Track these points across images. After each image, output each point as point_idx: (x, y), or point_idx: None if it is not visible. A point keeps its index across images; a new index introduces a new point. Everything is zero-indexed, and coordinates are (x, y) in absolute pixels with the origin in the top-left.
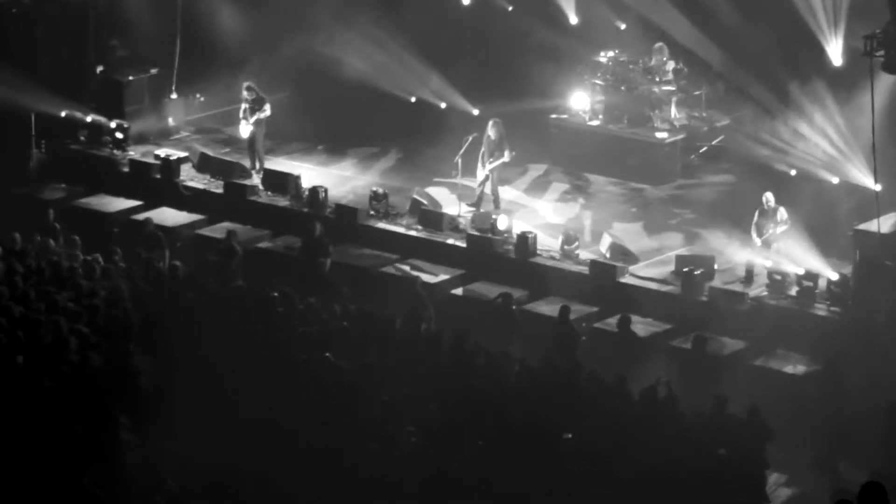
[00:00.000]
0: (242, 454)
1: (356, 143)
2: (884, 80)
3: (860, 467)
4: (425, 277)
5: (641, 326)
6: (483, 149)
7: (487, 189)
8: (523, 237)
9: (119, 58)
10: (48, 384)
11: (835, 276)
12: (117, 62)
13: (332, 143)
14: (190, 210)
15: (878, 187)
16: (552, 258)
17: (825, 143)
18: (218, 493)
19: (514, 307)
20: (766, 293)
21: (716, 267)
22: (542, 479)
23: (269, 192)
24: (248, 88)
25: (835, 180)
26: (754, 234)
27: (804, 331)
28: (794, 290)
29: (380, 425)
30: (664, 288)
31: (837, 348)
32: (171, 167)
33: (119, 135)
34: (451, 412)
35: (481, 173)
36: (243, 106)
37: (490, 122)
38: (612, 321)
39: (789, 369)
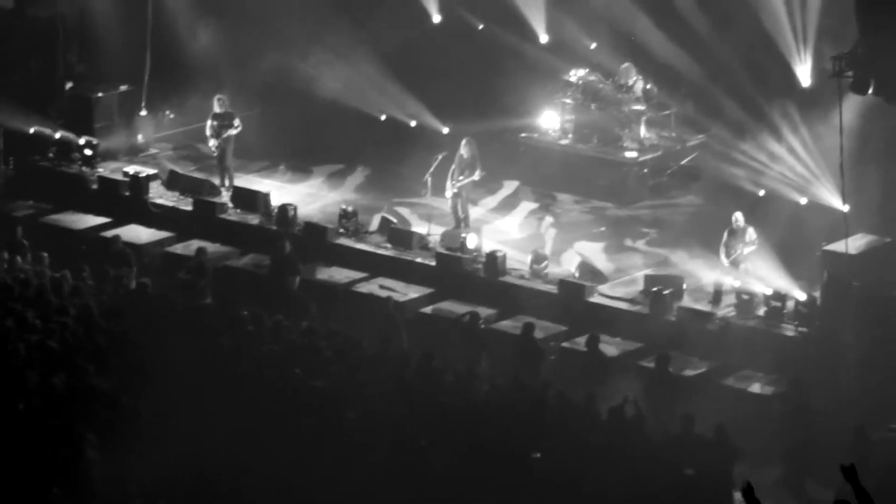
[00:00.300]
0: (211, 469)
1: (326, 160)
2: (852, 101)
3: (826, 486)
4: (396, 296)
5: (610, 346)
6: (453, 166)
7: (458, 208)
8: (493, 256)
9: (78, 73)
10: (19, 404)
11: (803, 297)
12: (77, 78)
13: (302, 161)
14: (159, 227)
15: (846, 208)
16: (521, 277)
17: (794, 163)
18: None
19: (482, 326)
20: (734, 313)
21: (684, 287)
22: (510, 498)
23: (238, 210)
24: (220, 101)
25: (803, 201)
26: (723, 254)
27: (772, 351)
28: (761, 311)
29: (349, 442)
30: (633, 307)
31: (801, 368)
32: (140, 184)
33: (88, 151)
34: (419, 430)
35: (450, 190)
36: (210, 122)
37: (463, 141)
38: (581, 340)
39: (756, 389)
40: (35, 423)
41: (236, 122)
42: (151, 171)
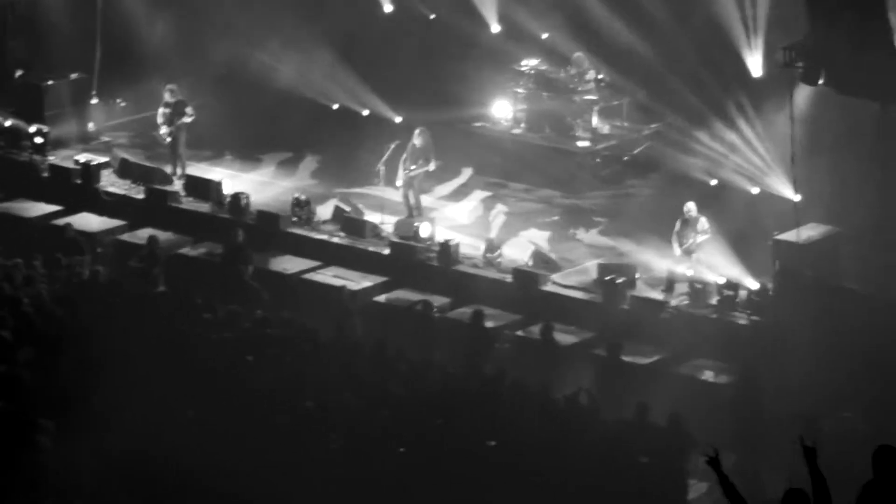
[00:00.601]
0: (162, 457)
1: (278, 149)
2: (802, 91)
3: (779, 473)
4: (349, 285)
5: (564, 335)
6: (405, 155)
7: (410, 197)
8: (446, 245)
9: (27, 61)
10: None
11: (755, 286)
12: (26, 65)
13: (254, 150)
14: (111, 216)
15: (797, 197)
16: (475, 266)
17: (746, 153)
18: (136, 493)
19: (436, 315)
20: (686, 302)
21: (637, 276)
22: (465, 487)
23: (190, 198)
24: (171, 91)
25: (755, 190)
26: (675, 244)
27: (724, 340)
28: (714, 300)
29: (303, 431)
30: (586, 296)
31: (753, 357)
32: (91, 172)
33: (39, 139)
34: (373, 420)
35: (401, 179)
36: (161, 110)
37: (417, 130)
38: (535, 329)
39: (709, 378)
40: None
41: (189, 110)
42: (103, 160)
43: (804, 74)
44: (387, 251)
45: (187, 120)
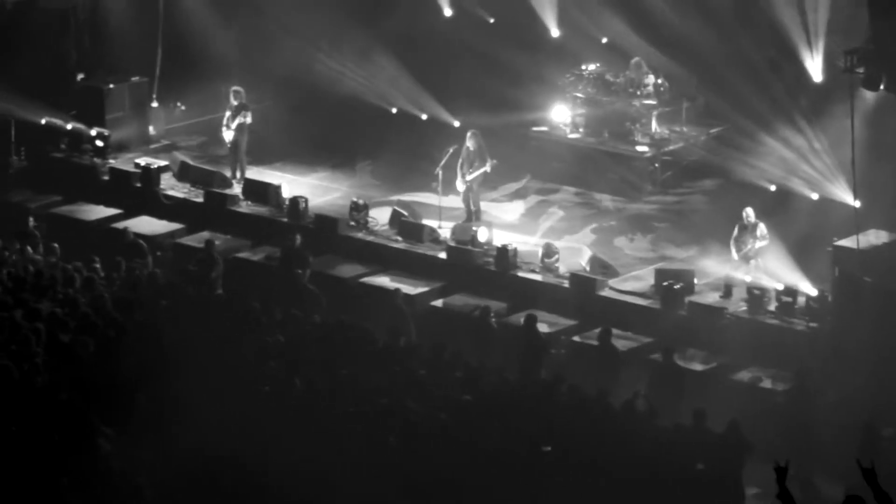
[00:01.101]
0: (222, 461)
1: (337, 153)
2: (864, 97)
3: (836, 482)
4: (405, 289)
5: (621, 340)
6: (461, 160)
7: (469, 201)
8: (503, 250)
9: (81, 63)
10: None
11: (813, 292)
12: (88, 69)
13: (314, 154)
14: (170, 219)
15: (857, 204)
16: (532, 271)
17: (805, 159)
18: (197, 495)
19: (493, 320)
20: (744, 308)
21: (695, 281)
22: (521, 492)
23: (249, 202)
24: (235, 93)
25: (815, 196)
26: (733, 249)
27: (782, 346)
28: (772, 306)
29: (360, 435)
30: (644, 302)
31: (805, 364)
32: (151, 176)
33: (99, 143)
34: (430, 424)
35: (461, 185)
36: (227, 113)
37: (468, 133)
38: (592, 334)
39: (767, 384)
40: (47, 414)
41: (247, 113)
42: (163, 163)
43: (865, 79)
44: (444, 255)
45: (246, 122)
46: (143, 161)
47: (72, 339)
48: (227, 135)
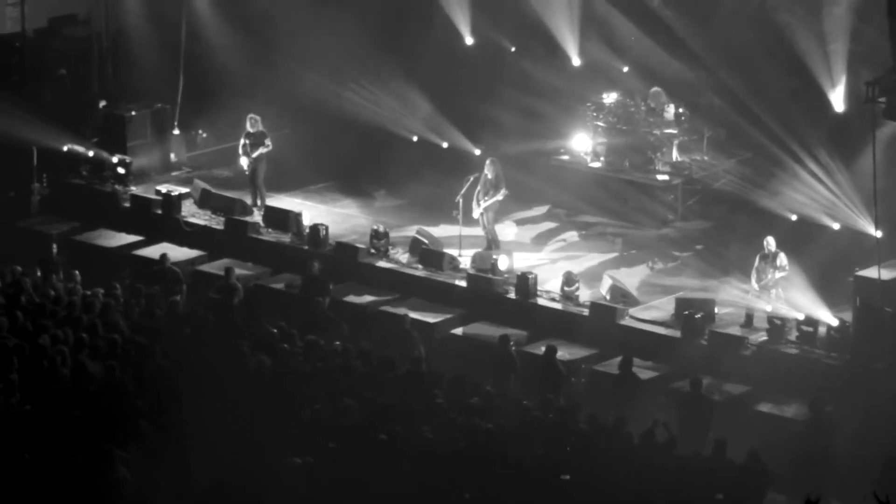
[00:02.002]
0: (240, 485)
1: (358, 180)
2: (885, 127)
3: None
4: (416, 315)
5: (641, 369)
6: (479, 188)
7: (484, 225)
8: (524, 278)
9: (103, 90)
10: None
11: (835, 323)
12: (110, 96)
13: (334, 181)
14: (191, 246)
15: (878, 234)
16: (552, 299)
17: (827, 188)
18: None
19: (513, 348)
20: (765, 338)
21: (716, 311)
22: None
23: (269, 230)
24: (252, 120)
25: (836, 226)
26: (754, 279)
27: (803, 376)
28: (793, 336)
29: (379, 462)
30: (664, 331)
31: (823, 394)
32: (172, 203)
33: (121, 170)
34: (449, 451)
35: (476, 212)
36: (243, 141)
37: (487, 161)
38: (613, 363)
39: (788, 414)
40: (65, 438)
41: (268, 141)
42: (184, 190)
43: (887, 110)
44: (463, 283)
45: (265, 150)
46: (164, 188)
47: (90, 364)
48: (244, 161)
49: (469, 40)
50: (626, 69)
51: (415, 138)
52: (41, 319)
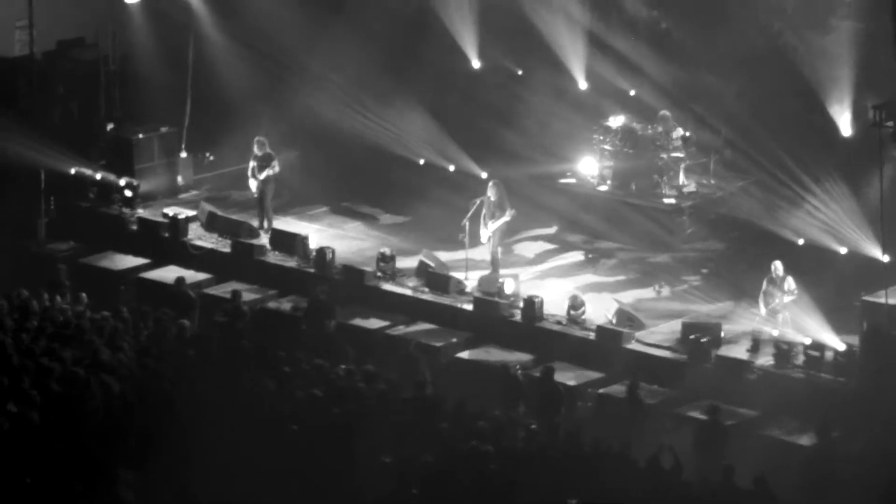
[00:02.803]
0: None
1: (365, 203)
2: (892, 151)
3: None
4: (422, 338)
5: (647, 393)
6: (484, 211)
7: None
8: (530, 301)
9: (110, 113)
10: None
11: (841, 347)
12: (117, 119)
13: (341, 204)
14: (197, 269)
15: (885, 258)
16: (558, 323)
17: (834, 212)
18: None
19: (518, 372)
20: (772, 362)
21: (722, 335)
22: None
23: (276, 252)
24: (259, 143)
25: (843, 250)
26: (761, 303)
27: (810, 401)
28: (800, 360)
29: (382, 485)
30: (670, 355)
31: (829, 418)
32: (179, 226)
33: (128, 193)
34: (454, 475)
35: (484, 235)
36: (252, 163)
37: (490, 184)
38: (618, 387)
39: (795, 439)
40: (68, 460)
41: (275, 163)
42: (191, 213)
43: (894, 134)
44: (470, 307)
45: (272, 172)
46: (171, 211)
47: (96, 387)
48: (253, 184)
49: (476, 63)
50: (632, 92)
51: (421, 161)
52: (47, 342)
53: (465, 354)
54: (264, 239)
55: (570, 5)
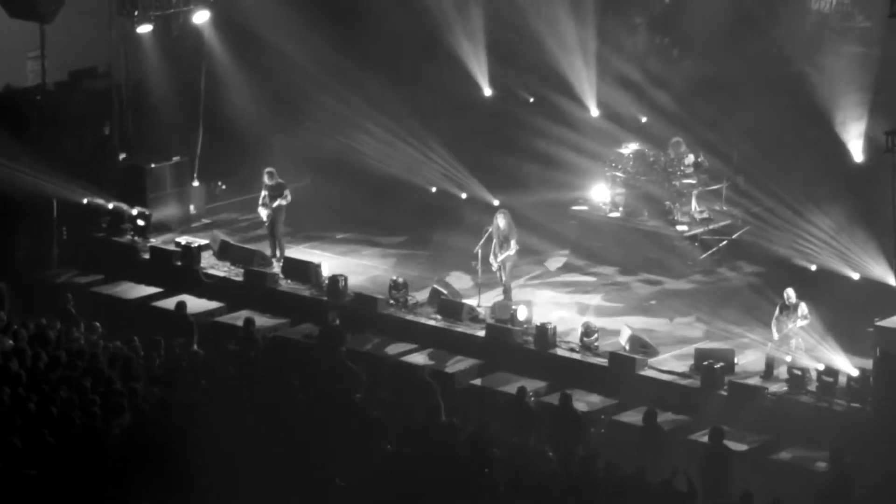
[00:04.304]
0: None
1: (376, 231)
2: None
3: None
4: (435, 365)
5: (660, 419)
6: (494, 240)
7: (502, 279)
8: (543, 328)
9: (123, 142)
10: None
11: (855, 373)
12: (121, 147)
13: (353, 232)
14: (210, 297)
15: None
16: (571, 350)
17: (847, 238)
18: None
19: (531, 399)
20: (785, 388)
21: (736, 361)
22: None
23: (288, 281)
24: (269, 174)
25: (856, 276)
26: (774, 329)
27: (824, 427)
28: (813, 386)
29: None
30: (683, 381)
31: (842, 444)
32: (191, 254)
33: (140, 222)
34: (469, 501)
35: (494, 263)
36: (263, 193)
37: (498, 213)
38: (632, 413)
39: (808, 465)
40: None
41: (287, 192)
42: (203, 242)
43: None
44: (483, 334)
45: (284, 202)
46: (183, 240)
47: (111, 417)
48: (263, 212)
49: (487, 91)
50: (644, 119)
51: (434, 189)
52: (63, 371)
53: (477, 381)
54: (276, 267)
55: (581, 33)
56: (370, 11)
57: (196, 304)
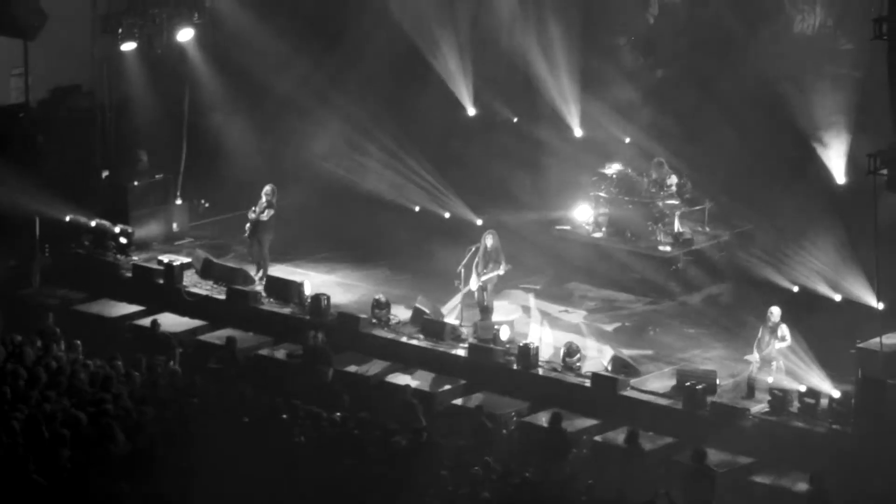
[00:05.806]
0: None
1: (359, 250)
2: (887, 199)
3: None
4: (417, 385)
5: (643, 440)
6: (477, 258)
7: (484, 299)
8: (525, 348)
9: (106, 160)
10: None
11: (837, 394)
12: (103, 165)
13: (335, 251)
14: (192, 316)
15: (880, 306)
16: (553, 370)
17: (829, 259)
18: None
19: (513, 418)
20: (767, 409)
21: (717, 382)
22: None
23: (271, 300)
24: (274, 191)
25: (837, 297)
26: (756, 350)
27: (805, 448)
28: (795, 408)
29: None
30: (665, 402)
31: (822, 466)
32: (174, 273)
33: (123, 240)
34: None
35: (475, 283)
36: (261, 203)
37: (487, 233)
38: (613, 434)
39: (790, 487)
40: None
41: (271, 212)
42: (186, 260)
43: (889, 181)
44: (464, 353)
45: (264, 218)
46: (166, 258)
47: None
48: (248, 231)
49: (471, 111)
50: (627, 140)
51: (417, 208)
52: (42, 390)
53: (459, 401)
54: (259, 286)
55: (565, 53)
56: (353, 32)
57: (179, 322)
